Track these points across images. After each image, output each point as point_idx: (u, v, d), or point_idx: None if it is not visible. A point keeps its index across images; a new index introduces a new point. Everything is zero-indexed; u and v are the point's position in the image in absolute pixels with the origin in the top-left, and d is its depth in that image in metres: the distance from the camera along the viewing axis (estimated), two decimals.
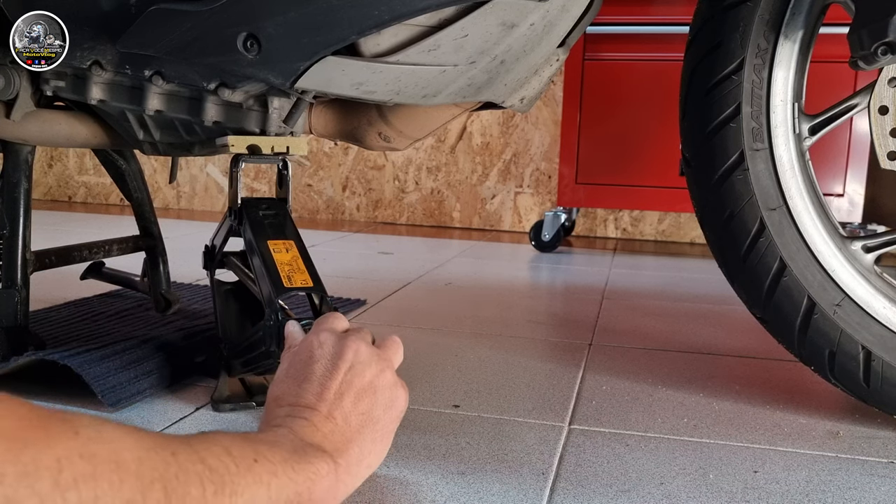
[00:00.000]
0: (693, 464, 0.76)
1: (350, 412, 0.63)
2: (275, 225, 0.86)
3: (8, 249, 0.93)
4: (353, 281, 1.65)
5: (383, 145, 0.98)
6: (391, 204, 2.75)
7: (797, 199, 0.85)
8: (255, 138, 0.86)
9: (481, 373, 1.03)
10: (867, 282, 0.84)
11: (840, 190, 2.05)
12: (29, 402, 0.40)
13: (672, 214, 2.53)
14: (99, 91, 0.87)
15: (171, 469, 0.43)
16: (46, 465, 0.36)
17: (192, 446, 0.47)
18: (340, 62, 0.76)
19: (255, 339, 0.82)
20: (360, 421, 0.63)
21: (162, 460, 0.43)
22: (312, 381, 0.64)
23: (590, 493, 0.69)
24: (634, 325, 1.34)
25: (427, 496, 0.67)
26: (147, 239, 1.15)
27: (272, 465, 0.52)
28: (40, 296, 1.22)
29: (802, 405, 0.94)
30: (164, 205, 2.96)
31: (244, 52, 0.77)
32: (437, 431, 0.82)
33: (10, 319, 0.92)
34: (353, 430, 0.62)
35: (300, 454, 0.56)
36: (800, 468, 0.76)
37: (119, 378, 0.85)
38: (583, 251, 2.30)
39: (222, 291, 0.95)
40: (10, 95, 0.89)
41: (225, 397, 0.86)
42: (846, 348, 0.83)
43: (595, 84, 2.13)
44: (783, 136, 0.85)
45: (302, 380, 0.65)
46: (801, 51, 0.85)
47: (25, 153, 0.96)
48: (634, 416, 0.89)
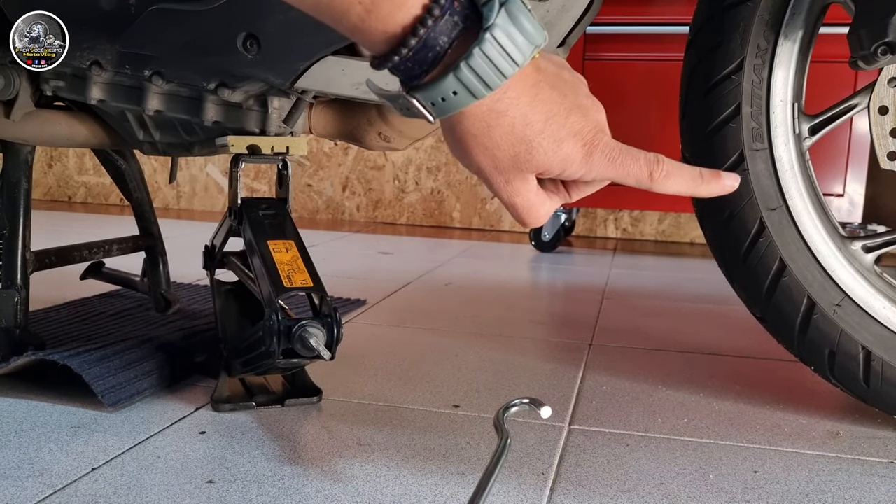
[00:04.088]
0: (693, 464, 0.76)
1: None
2: (275, 225, 0.86)
3: (8, 249, 0.93)
4: (353, 281, 1.65)
5: (383, 145, 0.98)
6: (391, 204, 2.75)
7: (797, 199, 0.85)
8: (255, 138, 0.86)
9: (481, 373, 1.03)
10: (867, 282, 0.84)
11: (840, 190, 2.05)
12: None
13: (672, 214, 2.53)
14: (99, 91, 0.87)
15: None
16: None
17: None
18: (340, 62, 0.76)
19: (255, 339, 0.82)
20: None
21: None
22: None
23: (590, 493, 0.69)
24: (634, 325, 1.34)
25: (427, 496, 0.67)
26: (147, 239, 1.15)
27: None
28: (40, 296, 1.22)
29: (802, 405, 0.93)
30: (164, 205, 2.96)
31: (244, 52, 0.77)
32: (437, 431, 0.82)
33: (9, 319, 0.92)
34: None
35: None
36: (800, 468, 0.76)
37: (119, 378, 0.85)
38: (583, 251, 2.30)
39: (222, 291, 0.95)
40: (10, 95, 0.89)
41: (225, 397, 0.86)
42: (846, 348, 0.83)
43: (595, 84, 2.11)
44: (783, 136, 0.85)
45: None
46: (801, 51, 0.85)
47: (25, 153, 0.96)
48: (634, 416, 0.89)
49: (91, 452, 0.73)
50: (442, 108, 0.46)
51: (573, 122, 0.49)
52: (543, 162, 0.49)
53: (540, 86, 0.48)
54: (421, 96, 0.45)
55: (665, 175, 0.51)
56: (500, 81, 0.45)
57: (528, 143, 0.48)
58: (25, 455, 0.72)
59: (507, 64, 0.44)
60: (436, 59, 0.44)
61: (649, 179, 0.51)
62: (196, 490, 0.66)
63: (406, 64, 0.44)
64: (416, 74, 0.45)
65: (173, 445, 0.75)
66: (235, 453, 0.74)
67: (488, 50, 0.43)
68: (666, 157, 0.52)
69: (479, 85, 0.44)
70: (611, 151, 0.50)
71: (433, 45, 0.44)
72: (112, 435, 0.77)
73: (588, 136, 0.49)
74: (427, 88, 0.45)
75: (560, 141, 0.49)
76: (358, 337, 1.19)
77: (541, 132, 0.48)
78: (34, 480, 0.67)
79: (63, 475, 0.68)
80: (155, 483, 0.67)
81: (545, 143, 0.48)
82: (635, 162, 0.50)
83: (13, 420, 0.80)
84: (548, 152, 0.49)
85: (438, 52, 0.44)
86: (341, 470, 0.71)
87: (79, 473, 0.69)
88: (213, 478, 0.69)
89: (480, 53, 0.43)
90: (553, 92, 0.48)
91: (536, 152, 0.49)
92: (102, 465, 0.70)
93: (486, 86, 0.45)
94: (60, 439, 0.76)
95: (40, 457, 0.72)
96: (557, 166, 0.50)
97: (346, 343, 1.12)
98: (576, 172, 0.50)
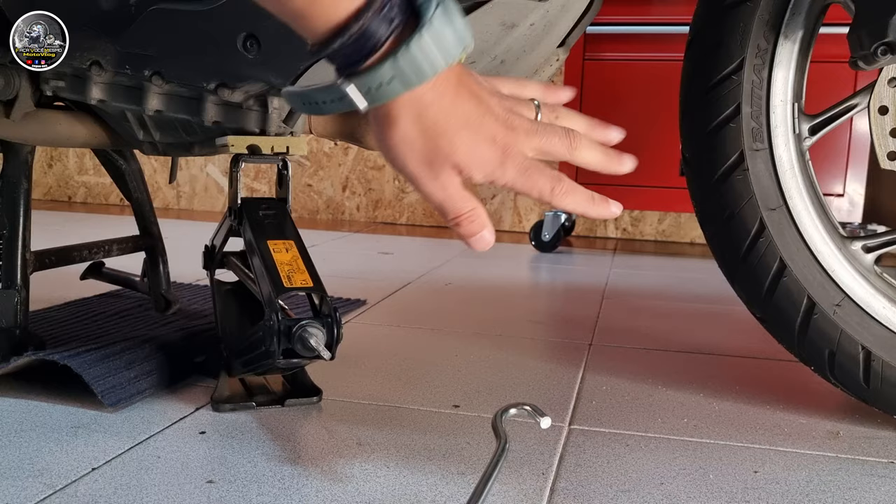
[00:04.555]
0: (693, 464, 0.76)
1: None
2: (275, 225, 0.86)
3: (8, 249, 0.93)
4: (353, 281, 1.65)
5: None
6: (391, 204, 2.75)
7: (797, 199, 0.85)
8: (255, 138, 0.86)
9: (481, 373, 1.03)
10: (867, 282, 0.84)
11: (840, 190, 2.05)
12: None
13: (672, 214, 2.53)
14: (99, 91, 0.87)
15: None
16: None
17: None
18: None
19: (255, 339, 0.82)
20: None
21: None
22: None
23: (590, 493, 0.69)
24: (634, 325, 1.34)
25: (427, 496, 0.67)
26: (147, 239, 1.15)
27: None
28: (40, 296, 1.22)
29: (802, 405, 0.94)
30: (164, 205, 2.96)
31: (244, 52, 0.77)
32: (437, 431, 0.82)
33: (9, 319, 0.92)
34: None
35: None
36: (800, 468, 0.76)
37: (119, 378, 0.85)
38: (583, 251, 2.30)
39: (222, 291, 0.95)
40: (10, 95, 0.89)
41: (225, 397, 0.86)
42: (846, 348, 0.83)
43: (595, 84, 2.13)
44: (783, 136, 0.85)
45: None
46: (801, 51, 0.85)
47: (25, 153, 0.96)
48: (634, 416, 0.89)
49: (91, 452, 0.73)
50: (375, 95, 0.49)
51: (489, 127, 0.53)
52: (464, 157, 0.52)
53: (462, 86, 0.51)
54: (357, 83, 0.48)
55: (564, 192, 0.56)
56: (431, 73, 0.48)
57: (450, 138, 0.52)
58: (25, 455, 0.72)
59: (440, 58, 0.48)
60: (374, 47, 0.47)
61: (550, 194, 0.55)
62: (196, 490, 0.66)
63: (346, 50, 0.47)
64: (354, 61, 0.48)
65: (173, 445, 0.75)
66: (235, 453, 0.74)
67: (425, 42, 0.47)
68: (566, 176, 0.57)
69: (413, 75, 0.48)
70: (522, 163, 0.54)
71: (373, 33, 0.47)
72: (112, 435, 0.77)
73: (502, 143, 0.53)
74: (363, 75, 0.48)
75: (477, 143, 0.52)
76: (358, 337, 1.19)
77: (461, 128, 0.52)
78: (34, 480, 0.67)
79: (63, 475, 0.68)
80: (155, 483, 0.67)
81: (465, 138, 0.52)
82: (542, 176, 0.55)
83: (13, 420, 0.80)
84: (468, 149, 0.52)
85: (378, 40, 0.47)
86: (341, 470, 0.71)
87: (79, 473, 0.69)
88: (213, 478, 0.69)
89: (417, 45, 0.47)
90: (472, 97, 0.52)
91: (457, 147, 0.52)
92: (102, 465, 0.70)
93: (419, 76, 0.48)
94: (60, 439, 0.76)
95: (40, 457, 0.72)
96: (475, 165, 0.53)
97: (346, 343, 1.12)
98: (490, 175, 0.54)
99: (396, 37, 0.47)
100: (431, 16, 0.46)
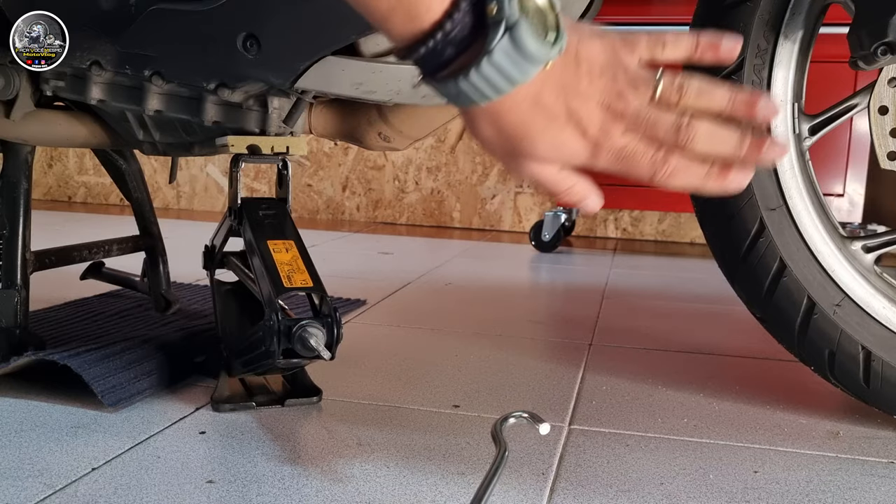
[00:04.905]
0: (693, 464, 0.76)
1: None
2: (275, 225, 0.86)
3: (8, 249, 0.93)
4: (353, 281, 1.65)
5: (383, 145, 0.98)
6: (391, 204, 2.75)
7: (797, 199, 0.85)
8: (255, 138, 0.86)
9: (481, 373, 1.03)
10: (867, 282, 0.84)
11: (840, 190, 2.05)
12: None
13: (672, 214, 2.53)
14: (99, 91, 0.87)
15: None
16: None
17: None
18: (340, 62, 0.76)
19: (255, 339, 0.82)
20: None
21: None
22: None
23: (590, 493, 0.69)
24: (634, 325, 1.34)
25: (427, 496, 0.67)
26: (147, 239, 1.15)
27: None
28: (40, 296, 1.22)
29: (802, 405, 0.93)
30: (164, 205, 2.96)
31: (244, 52, 0.77)
32: (437, 431, 0.82)
33: (9, 319, 0.92)
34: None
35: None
36: (800, 468, 0.76)
37: (119, 378, 0.85)
38: (583, 251, 2.30)
39: (222, 291, 0.95)
40: (10, 95, 0.89)
41: (225, 397, 0.86)
42: (846, 348, 0.83)
43: None
44: (783, 136, 0.85)
45: None
46: (801, 51, 0.85)
47: (25, 153, 0.96)
48: (634, 416, 0.89)
49: (91, 452, 0.73)
50: (453, 100, 0.50)
51: (580, 122, 0.51)
52: (545, 157, 0.52)
53: (544, 92, 0.50)
54: (434, 87, 0.49)
55: (668, 176, 0.52)
56: (495, 95, 0.48)
57: (530, 140, 0.51)
58: (25, 455, 0.72)
59: (503, 83, 0.47)
60: (443, 65, 0.48)
61: (651, 180, 0.53)
62: (196, 490, 0.66)
63: (419, 62, 0.48)
64: (427, 73, 0.49)
65: (173, 445, 0.75)
66: (235, 453, 0.74)
67: (484, 72, 0.46)
68: (677, 155, 0.52)
69: (475, 96, 0.48)
70: (616, 153, 0.52)
71: (439, 54, 0.47)
72: (112, 435, 0.77)
73: (594, 138, 0.51)
74: (439, 84, 0.49)
75: (562, 140, 0.51)
76: (358, 337, 1.19)
77: (541, 132, 0.51)
78: (34, 480, 0.67)
79: (63, 475, 0.68)
80: (155, 483, 0.67)
81: (547, 142, 0.51)
82: (639, 164, 0.52)
83: (13, 420, 0.80)
84: (550, 150, 0.51)
85: (444, 61, 0.47)
86: (341, 470, 0.71)
87: (79, 473, 0.69)
88: (213, 478, 0.69)
89: (476, 74, 0.46)
90: (557, 97, 0.50)
91: (538, 148, 0.51)
92: (102, 465, 0.70)
93: (482, 97, 0.48)
94: (60, 439, 0.76)
95: (40, 457, 0.72)
96: (561, 159, 0.52)
97: (346, 343, 1.12)
98: (580, 165, 0.52)
99: (463, 60, 0.47)
100: (494, 45, 0.46)
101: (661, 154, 0.52)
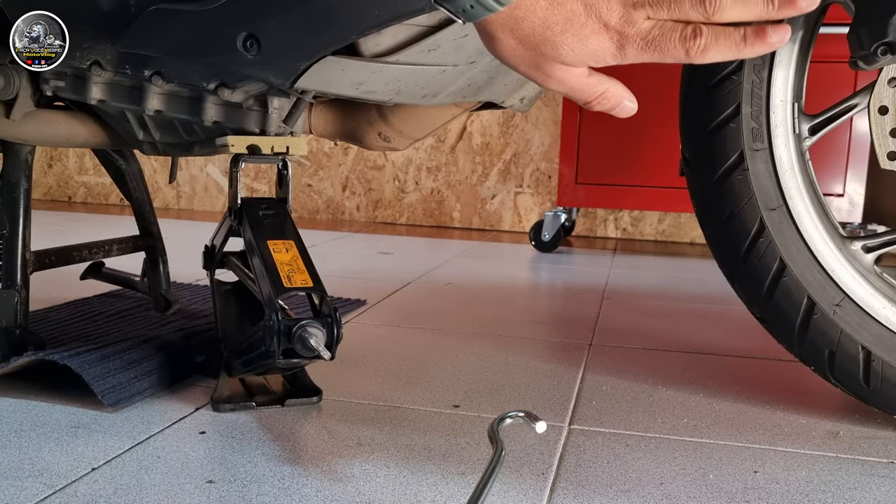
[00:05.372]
0: (693, 464, 0.76)
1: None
2: (275, 225, 0.86)
3: (8, 249, 0.93)
4: (353, 281, 1.65)
5: (383, 145, 0.98)
6: (391, 204, 2.75)
7: (797, 199, 0.85)
8: (255, 138, 0.86)
9: (481, 373, 1.03)
10: (867, 282, 0.84)
11: (840, 190, 2.05)
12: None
13: (672, 214, 2.53)
14: (99, 91, 0.87)
15: None
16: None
17: None
18: (340, 62, 0.76)
19: (255, 339, 0.82)
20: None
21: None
22: None
23: (590, 493, 0.69)
24: (634, 325, 1.34)
25: (427, 496, 0.67)
26: (147, 239, 1.15)
27: None
28: (40, 296, 1.22)
29: (802, 405, 0.94)
30: (164, 205, 2.96)
31: (244, 52, 0.77)
32: (437, 431, 0.82)
33: (9, 319, 0.92)
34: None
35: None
36: (800, 468, 0.76)
37: (119, 378, 0.85)
38: (583, 251, 2.30)
39: (222, 291, 0.95)
40: (10, 95, 0.89)
41: (225, 397, 0.86)
42: (846, 348, 0.83)
43: None
44: (783, 136, 0.85)
45: None
46: (801, 51, 0.85)
47: (25, 153, 0.96)
48: (634, 416, 0.89)
49: (91, 452, 0.73)
50: (468, 15, 0.50)
51: (599, 16, 0.50)
52: (571, 58, 0.51)
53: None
54: (447, 6, 0.50)
55: (703, 50, 0.51)
56: (506, 1, 0.49)
57: (552, 43, 0.51)
58: (25, 455, 0.72)
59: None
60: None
61: (687, 58, 0.51)
62: (196, 490, 0.66)
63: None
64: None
65: (173, 445, 0.75)
66: (235, 453, 0.74)
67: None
68: (706, 27, 0.51)
69: (490, 2, 0.49)
70: (644, 38, 0.51)
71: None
72: (112, 435, 0.77)
73: (618, 28, 0.50)
74: (448, 6, 0.50)
75: (584, 39, 0.51)
76: (358, 337, 1.19)
77: (562, 32, 0.50)
78: (34, 480, 0.67)
79: (63, 475, 0.68)
80: (155, 483, 0.67)
81: (569, 41, 0.51)
82: (671, 42, 0.51)
83: (13, 420, 0.80)
84: (574, 49, 0.51)
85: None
86: (341, 470, 0.71)
87: (79, 473, 0.69)
88: (213, 478, 0.69)
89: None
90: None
91: (562, 50, 0.51)
92: (102, 465, 0.70)
93: (492, 5, 0.49)
94: (60, 439, 0.76)
95: (40, 457, 0.72)
96: (589, 60, 0.52)
97: (346, 343, 1.12)
98: (610, 62, 0.52)
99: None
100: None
101: (690, 29, 0.51)
